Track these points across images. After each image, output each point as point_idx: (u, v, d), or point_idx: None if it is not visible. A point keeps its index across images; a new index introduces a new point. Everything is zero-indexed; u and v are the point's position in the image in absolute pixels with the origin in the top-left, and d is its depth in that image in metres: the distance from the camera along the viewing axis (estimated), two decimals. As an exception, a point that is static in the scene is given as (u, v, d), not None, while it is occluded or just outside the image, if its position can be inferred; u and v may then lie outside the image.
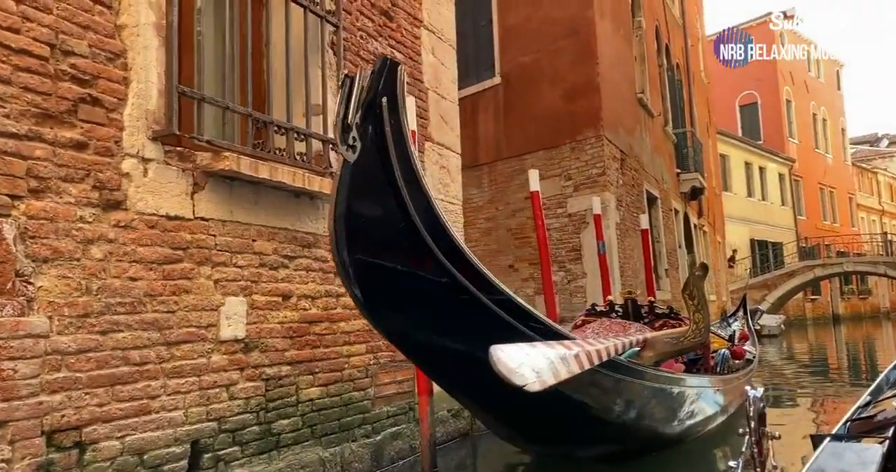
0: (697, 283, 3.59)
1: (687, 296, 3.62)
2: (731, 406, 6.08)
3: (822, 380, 10.88)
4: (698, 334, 3.56)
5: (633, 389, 3.38)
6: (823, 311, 30.57)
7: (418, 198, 2.14)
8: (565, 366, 2.24)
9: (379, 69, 1.96)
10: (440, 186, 5.39)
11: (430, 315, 2.41)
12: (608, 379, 3.13)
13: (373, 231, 2.12)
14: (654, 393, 3.64)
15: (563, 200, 10.24)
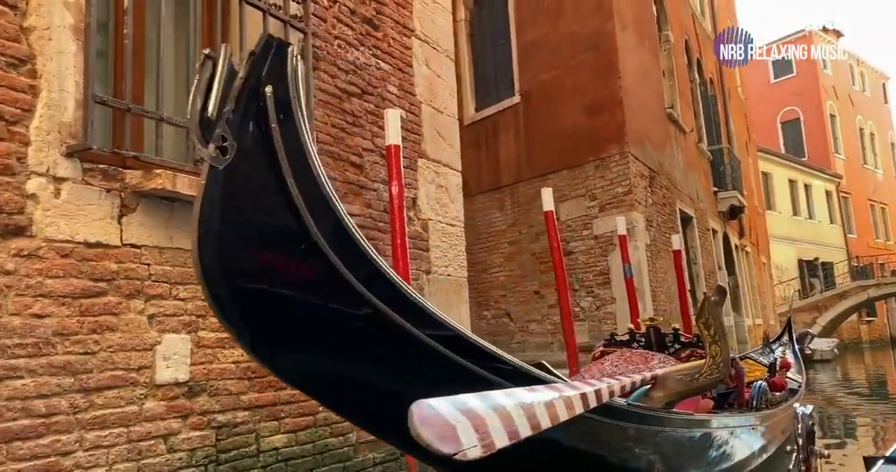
0: (713, 309, 3.07)
1: (702, 325, 3.10)
2: (771, 445, 5.46)
3: (880, 405, 10.50)
4: (715, 369, 3.03)
5: (638, 437, 2.86)
6: (880, 333, 29.01)
7: (323, 215, 1.70)
8: (528, 419, 1.76)
9: (262, 51, 1.56)
10: (437, 206, 4.98)
11: (350, 360, 1.95)
12: (603, 427, 2.62)
13: (261, 256, 1.68)
14: (667, 440, 3.11)
15: (588, 222, 9.73)
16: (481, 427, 1.59)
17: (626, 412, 2.80)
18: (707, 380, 3.03)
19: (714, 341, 3.07)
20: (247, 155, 1.53)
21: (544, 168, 10.25)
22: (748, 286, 17.30)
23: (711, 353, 3.07)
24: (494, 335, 10.96)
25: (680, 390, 3.06)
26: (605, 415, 2.66)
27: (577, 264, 9.84)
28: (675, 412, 3.19)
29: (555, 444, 2.46)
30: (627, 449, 2.97)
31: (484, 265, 11.22)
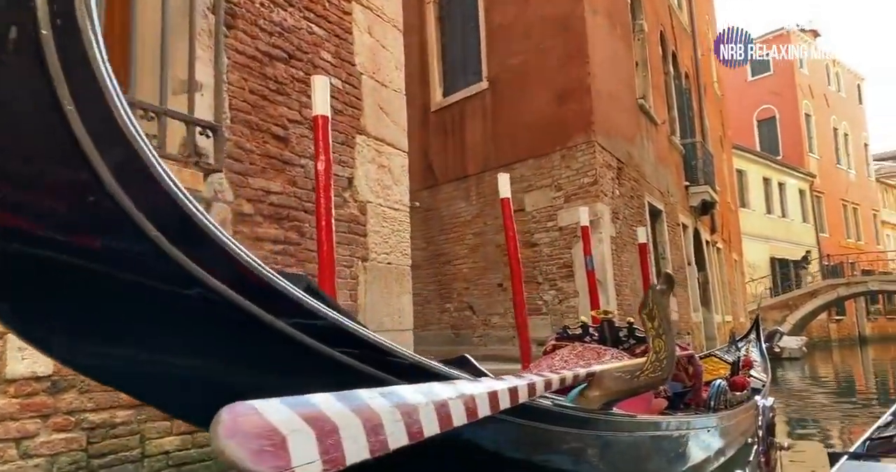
0: (658, 299, 2.74)
1: (645, 316, 2.77)
2: (729, 447, 5.17)
3: (846, 403, 10.41)
4: (658, 366, 2.69)
5: (567, 441, 2.53)
6: (849, 332, 29.17)
7: (126, 159, 1.30)
8: (408, 425, 1.40)
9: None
10: (378, 187, 4.60)
11: (185, 354, 1.56)
12: (524, 431, 2.29)
13: (38, 207, 1.26)
14: (605, 445, 2.79)
15: (553, 213, 9.41)
16: (329, 437, 1.20)
17: (553, 413, 2.46)
18: (648, 379, 2.71)
19: (658, 335, 2.74)
20: (12, 70, 1.13)
21: (511, 157, 9.92)
22: (719, 283, 17.14)
23: (654, 348, 2.74)
24: (456, 329, 10.63)
25: (618, 389, 2.73)
26: (527, 417, 2.31)
27: (541, 256, 9.53)
28: (613, 414, 2.87)
29: (462, 451, 2.10)
30: (557, 455, 2.63)
31: (448, 257, 10.88)
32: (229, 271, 1.45)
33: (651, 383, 2.70)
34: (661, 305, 2.77)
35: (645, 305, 2.84)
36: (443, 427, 1.61)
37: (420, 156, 11.33)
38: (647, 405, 4.15)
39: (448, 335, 10.70)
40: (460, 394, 1.72)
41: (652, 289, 2.81)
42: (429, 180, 11.21)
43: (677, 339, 4.82)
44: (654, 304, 2.79)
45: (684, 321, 12.54)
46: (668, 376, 2.70)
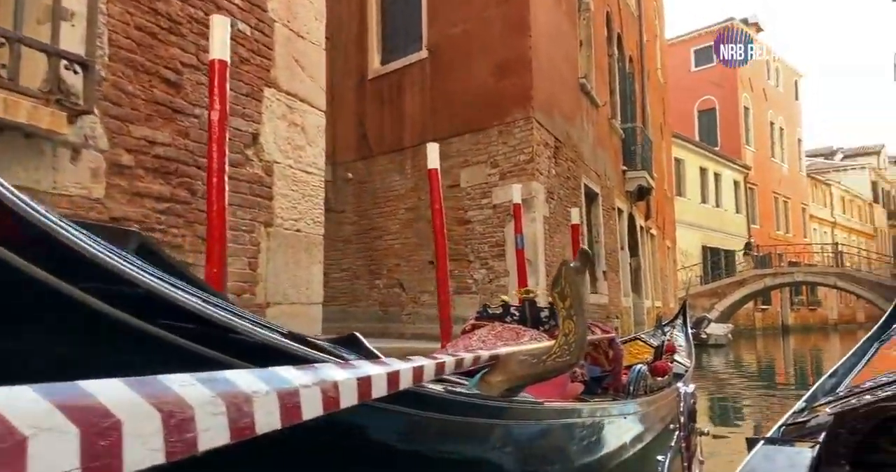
0: (572, 278, 2.49)
1: (557, 295, 2.52)
2: (647, 434, 5.06)
3: (767, 389, 10.64)
4: (566, 350, 2.45)
5: (464, 431, 2.27)
6: (773, 321, 30.17)
7: None
8: (236, 418, 1.09)
9: None
10: (289, 147, 4.23)
11: None
12: (411, 421, 2.01)
13: None
14: (507, 434, 2.55)
15: (488, 190, 9.17)
16: (104, 436, 0.89)
17: (442, 400, 2.18)
18: (556, 363, 2.47)
19: (569, 316, 2.50)
20: None
21: (448, 130, 9.61)
22: (650, 269, 17.32)
23: (564, 330, 2.50)
24: (385, 306, 10.33)
25: (523, 373, 2.49)
26: (412, 405, 2.03)
27: (473, 234, 9.30)
28: (517, 401, 2.62)
29: (331, 446, 1.81)
30: (453, 446, 2.37)
31: (379, 232, 10.55)
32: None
33: (558, 368, 2.46)
34: (574, 283, 2.53)
35: (556, 283, 2.59)
36: (287, 420, 1.30)
37: (355, 125, 10.92)
38: (562, 389, 3.95)
39: (376, 313, 10.40)
40: (318, 380, 1.41)
41: (564, 266, 2.56)
42: (363, 151, 10.81)
43: (606, 322, 4.67)
44: (567, 282, 2.55)
45: (614, 305, 12.56)
46: (577, 361, 2.47)
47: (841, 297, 35.29)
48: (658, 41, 21.04)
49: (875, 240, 42.12)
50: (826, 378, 3.71)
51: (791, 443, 2.22)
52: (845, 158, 47.72)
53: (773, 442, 2.22)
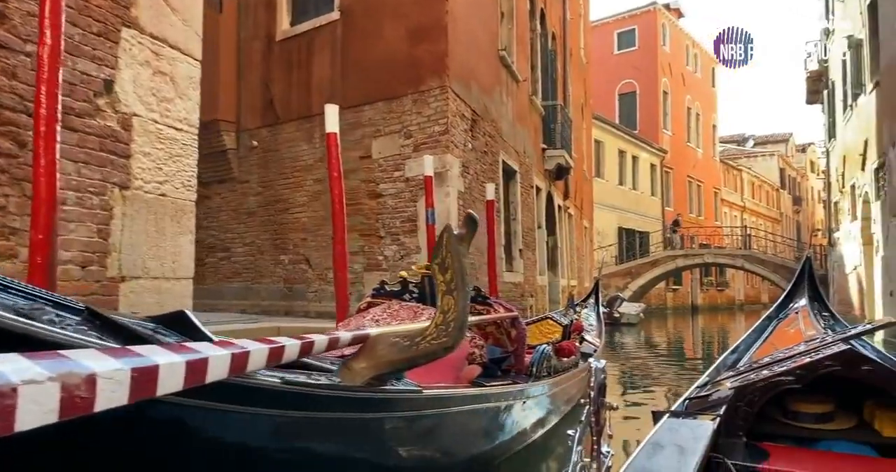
0: (454, 247, 2.13)
1: (437, 266, 2.15)
2: (552, 415, 4.82)
3: (676, 366, 10.85)
4: (444, 331, 2.09)
5: (303, 428, 1.90)
6: (683, 301, 31.13)
7: None
8: None
9: None
10: (154, 99, 3.68)
11: None
12: (229, 418, 1.60)
13: None
14: (373, 429, 2.18)
15: (401, 163, 8.75)
16: None
17: (277, 394, 1.79)
18: (431, 346, 2.11)
19: (449, 292, 2.14)
20: None
21: (360, 98, 9.11)
22: (567, 248, 17.35)
23: (442, 307, 2.14)
24: (290, 283, 9.80)
25: (392, 358, 2.11)
26: (233, 399, 1.64)
27: (385, 208, 8.87)
28: (386, 391, 2.25)
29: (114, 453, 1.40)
30: (296, 447, 1.97)
31: (286, 204, 9.98)
32: None
33: (433, 352, 2.10)
34: (457, 253, 2.17)
35: (436, 253, 2.22)
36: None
37: (261, 90, 10.27)
38: (456, 373, 3.62)
39: (281, 290, 9.86)
40: (65, 372, 1.00)
41: (446, 232, 2.20)
42: (269, 118, 10.18)
43: (486, 301, 4.35)
44: (448, 252, 2.18)
45: (529, 284, 12.42)
46: (456, 344, 2.12)
47: (747, 278, 36.81)
48: (582, 21, 20.96)
49: (781, 224, 44.11)
50: (728, 354, 3.88)
51: (694, 416, 2.29)
52: (756, 145, 49.61)
53: (678, 415, 2.30)
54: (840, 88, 16.30)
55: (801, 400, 2.41)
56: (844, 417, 2.40)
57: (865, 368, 2.12)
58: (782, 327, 4.40)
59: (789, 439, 2.35)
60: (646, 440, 1.97)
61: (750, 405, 2.31)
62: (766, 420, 2.41)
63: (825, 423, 2.38)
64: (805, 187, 50.77)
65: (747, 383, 2.36)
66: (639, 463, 1.72)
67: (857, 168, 14.74)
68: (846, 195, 16.22)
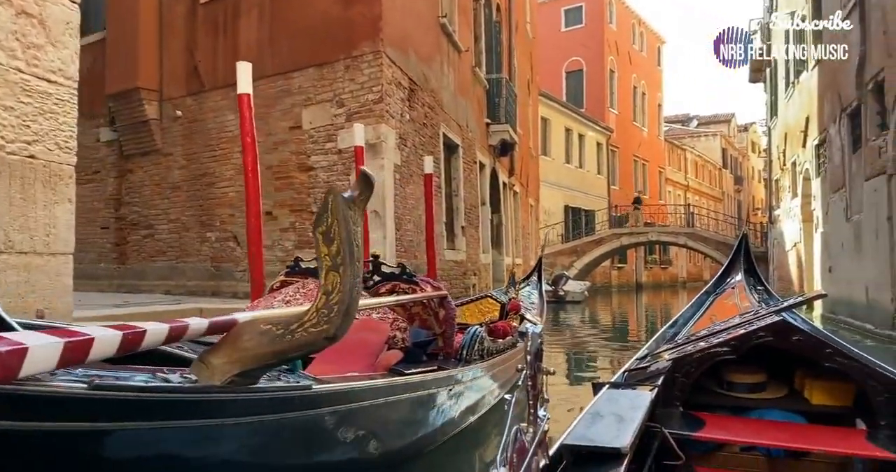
0: (343, 212, 1.71)
1: (320, 236, 1.73)
2: (486, 400, 4.47)
3: (619, 341, 10.99)
4: (326, 317, 1.68)
5: (124, 443, 1.46)
6: (628, 279, 31.43)
7: None
8: None
9: None
10: (17, 44, 3.13)
11: None
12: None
13: None
14: (233, 439, 1.76)
15: (333, 133, 8.24)
16: None
17: (74, 402, 1.35)
18: (310, 335, 1.68)
19: (334, 267, 1.73)
20: None
21: (290, 64, 8.54)
22: (512, 226, 17.10)
23: (325, 286, 1.72)
24: (217, 262, 9.23)
25: (259, 351, 1.68)
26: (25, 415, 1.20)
27: (317, 182, 8.37)
28: (253, 390, 1.84)
29: None
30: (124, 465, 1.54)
31: (212, 178, 9.37)
32: None
33: (310, 343, 1.67)
34: (345, 220, 1.74)
35: (320, 219, 1.79)
36: None
37: (185, 56, 9.58)
38: (371, 360, 3.22)
39: (207, 269, 9.28)
40: None
41: (332, 195, 1.78)
42: (194, 85, 9.50)
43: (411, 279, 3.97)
44: (335, 219, 1.76)
45: (472, 262, 12.10)
46: (341, 333, 1.70)
47: (690, 256, 37.44)
48: (528, -7, 20.56)
49: (722, 203, 44.94)
50: (667, 328, 3.99)
51: (633, 387, 2.30)
52: (700, 125, 50.32)
53: (617, 386, 2.32)
54: (783, 65, 16.35)
55: (735, 371, 2.47)
56: (776, 386, 2.48)
57: (796, 338, 2.19)
58: (719, 301, 4.50)
59: (724, 408, 2.41)
60: (586, 409, 1.99)
61: (687, 376, 2.35)
62: (702, 391, 2.46)
63: (758, 392, 2.45)
64: (746, 167, 51.85)
65: (684, 355, 2.39)
66: (578, 432, 1.74)
67: (798, 146, 14.82)
68: (787, 173, 16.35)
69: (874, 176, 9.40)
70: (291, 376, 2.21)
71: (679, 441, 2.01)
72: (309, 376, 2.34)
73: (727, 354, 2.29)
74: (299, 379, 2.17)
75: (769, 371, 2.51)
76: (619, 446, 1.61)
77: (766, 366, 2.50)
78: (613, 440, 1.67)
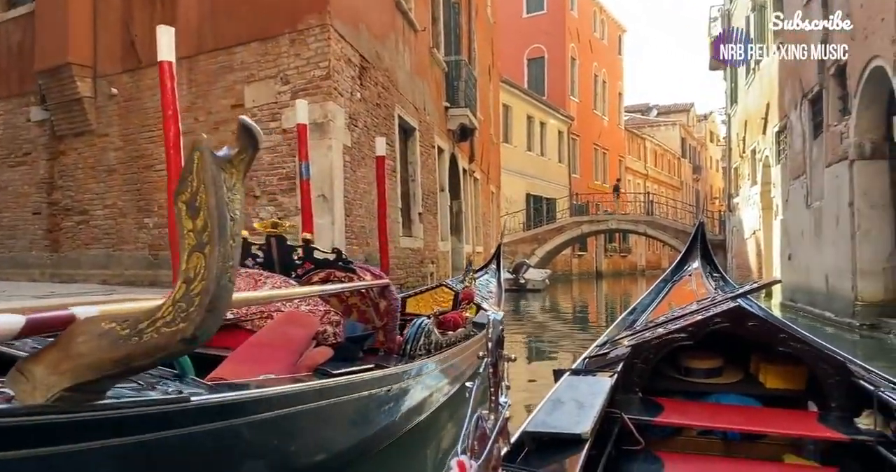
0: (211, 175, 1.30)
1: (183, 207, 1.30)
2: (434, 398, 4.09)
3: (580, 330, 11.00)
4: (182, 311, 1.27)
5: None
6: (588, 267, 31.43)
7: None
8: None
9: None
10: None
11: None
12: None
13: None
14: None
15: (277, 112, 7.74)
16: None
17: None
18: (161, 336, 1.25)
19: (199, 247, 1.32)
20: None
21: (231, 38, 8.00)
22: (473, 213, 16.75)
23: (187, 272, 1.30)
24: (156, 250, 8.66)
25: (97, 358, 1.29)
26: None
27: (260, 164, 7.85)
28: (86, 408, 1.39)
29: None
30: None
31: (150, 160, 8.78)
32: None
33: (162, 347, 1.25)
34: (214, 185, 1.32)
35: (183, 184, 1.38)
36: None
37: (121, 30, 8.95)
38: (292, 357, 2.77)
39: (145, 258, 8.71)
40: None
41: (198, 151, 1.36)
42: (131, 62, 8.88)
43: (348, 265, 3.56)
44: (202, 183, 1.35)
45: (430, 250, 11.71)
46: (203, 334, 1.27)
47: (649, 245, 37.67)
48: (488, -24, 20.12)
49: (681, 192, 45.31)
50: (626, 315, 4.02)
51: (593, 373, 2.33)
52: (659, 114, 50.64)
53: (577, 373, 2.35)
54: (743, 52, 16.23)
55: (692, 357, 2.50)
56: (732, 371, 2.53)
57: (751, 324, 2.21)
58: (677, 288, 4.61)
59: (682, 393, 2.45)
60: (547, 396, 1.99)
61: (645, 362, 2.37)
62: (660, 376, 2.49)
63: (715, 377, 2.49)
64: (704, 157, 52.40)
65: (643, 341, 2.41)
66: (540, 419, 1.75)
67: (758, 132, 14.73)
68: (747, 160, 16.30)
69: (835, 162, 9.26)
70: (174, 383, 1.78)
71: (638, 426, 2.02)
72: (201, 383, 1.92)
73: (685, 340, 2.30)
74: (184, 388, 1.75)
75: (725, 357, 2.54)
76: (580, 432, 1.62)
77: (722, 352, 2.53)
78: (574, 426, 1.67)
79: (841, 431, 1.98)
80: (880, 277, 8.39)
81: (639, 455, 2.00)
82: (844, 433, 1.97)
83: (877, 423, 1.97)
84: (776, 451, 2.27)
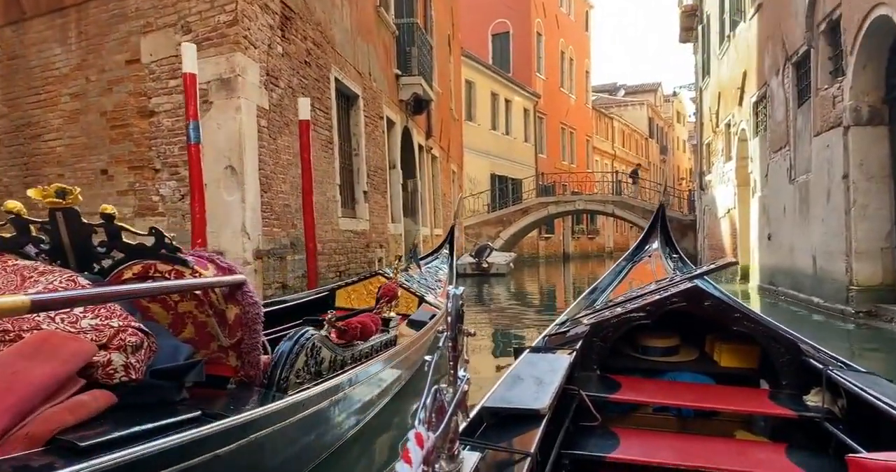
0: None
1: None
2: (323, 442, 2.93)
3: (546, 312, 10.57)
4: None
5: None
6: (556, 250, 30.47)
7: None
8: None
9: None
10: None
11: None
12: None
13: None
14: None
15: (178, 67, 6.41)
16: None
17: None
18: None
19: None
20: None
21: (124, -21, 6.66)
22: (431, 193, 15.56)
23: None
24: (44, 233, 7.31)
25: None
26: None
27: (160, 130, 6.58)
28: None
29: None
30: None
31: (37, 128, 7.42)
32: None
33: None
34: None
35: None
36: None
37: (-3, -27, 7.51)
38: (11, 419, 1.59)
39: (32, 242, 7.36)
40: None
41: None
42: (12, 13, 7.46)
43: (172, 256, 2.38)
44: None
45: (378, 232, 10.50)
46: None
47: (617, 226, 36.87)
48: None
49: (649, 172, 44.56)
50: (587, 294, 4.04)
51: (552, 350, 2.37)
52: (627, 94, 49.78)
53: (537, 350, 2.39)
54: (717, 18, 15.22)
55: (650, 336, 2.54)
56: (688, 350, 2.57)
57: (707, 304, 2.23)
58: (637, 268, 4.65)
59: (639, 371, 2.48)
60: (507, 373, 2.00)
61: (604, 340, 2.38)
62: (618, 355, 2.52)
63: (671, 356, 2.53)
64: (671, 137, 51.76)
65: (602, 320, 2.43)
66: (498, 394, 1.76)
67: (733, 104, 13.74)
68: (720, 135, 15.32)
69: (826, 130, 8.25)
70: None
71: (596, 403, 2.03)
72: None
73: (642, 319, 2.32)
74: None
75: (682, 336, 2.58)
76: (538, 407, 1.64)
77: (678, 331, 2.57)
78: (533, 402, 1.68)
79: (791, 408, 2.00)
80: (878, 258, 7.43)
81: (595, 431, 1.98)
82: (794, 410, 1.98)
83: (824, 400, 1.99)
84: (728, 427, 2.31)
